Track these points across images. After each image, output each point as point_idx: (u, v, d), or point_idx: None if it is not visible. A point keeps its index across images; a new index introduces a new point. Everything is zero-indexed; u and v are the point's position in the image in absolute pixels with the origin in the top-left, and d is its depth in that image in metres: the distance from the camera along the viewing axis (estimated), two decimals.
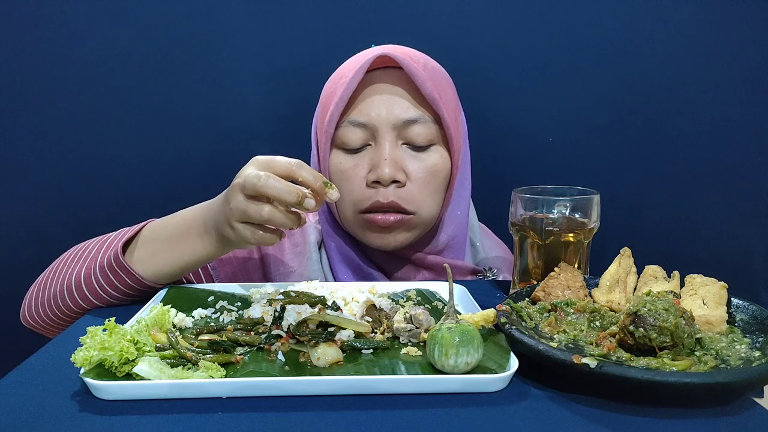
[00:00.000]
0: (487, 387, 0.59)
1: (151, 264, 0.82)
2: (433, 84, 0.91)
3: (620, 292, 0.77)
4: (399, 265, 1.01)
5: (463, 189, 1.02)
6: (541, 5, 1.31)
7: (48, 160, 1.36)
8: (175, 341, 0.65)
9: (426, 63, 0.95)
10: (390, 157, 0.91)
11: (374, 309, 0.74)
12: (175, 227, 0.83)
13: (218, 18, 1.32)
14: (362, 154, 0.93)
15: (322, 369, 0.63)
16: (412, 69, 0.90)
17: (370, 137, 0.93)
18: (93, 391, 0.57)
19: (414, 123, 0.91)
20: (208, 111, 1.36)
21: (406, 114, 0.91)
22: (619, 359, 0.61)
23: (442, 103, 0.91)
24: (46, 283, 0.88)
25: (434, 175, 0.94)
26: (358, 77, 0.91)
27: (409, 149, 0.93)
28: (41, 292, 0.88)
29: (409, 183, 0.92)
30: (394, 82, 0.92)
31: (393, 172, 0.90)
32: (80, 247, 0.90)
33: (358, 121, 0.92)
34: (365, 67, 0.91)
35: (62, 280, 0.85)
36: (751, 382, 0.55)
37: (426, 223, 0.96)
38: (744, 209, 1.31)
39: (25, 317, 0.91)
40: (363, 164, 0.93)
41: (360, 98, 0.92)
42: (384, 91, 0.92)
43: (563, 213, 0.84)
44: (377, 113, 0.91)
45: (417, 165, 0.93)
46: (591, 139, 1.35)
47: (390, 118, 0.91)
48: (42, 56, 1.32)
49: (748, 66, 1.28)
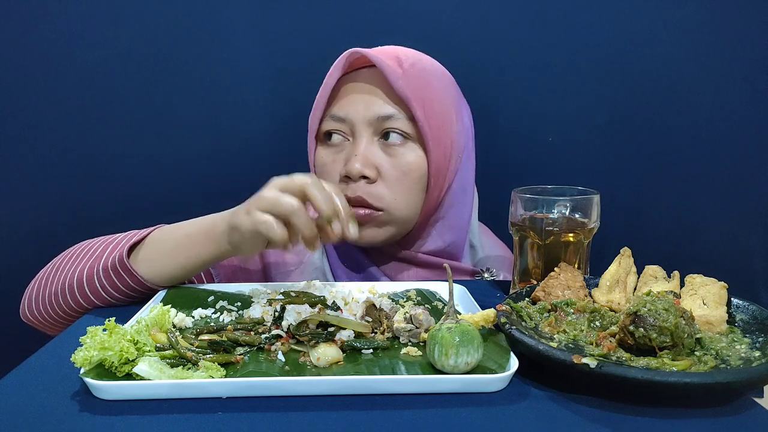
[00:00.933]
0: (487, 387, 0.59)
1: (155, 265, 0.82)
2: (410, 81, 0.92)
3: (620, 292, 0.77)
4: (395, 264, 1.01)
5: (465, 194, 1.01)
6: (541, 5, 1.31)
7: (48, 160, 1.36)
8: (175, 341, 0.65)
9: (415, 63, 0.95)
10: (362, 152, 0.92)
11: (374, 309, 0.74)
12: (183, 231, 0.84)
13: (219, 18, 1.32)
14: (340, 149, 0.96)
15: (322, 369, 0.63)
16: (384, 67, 0.91)
17: (348, 133, 0.95)
18: (93, 391, 0.57)
19: (388, 119, 0.92)
20: (209, 111, 1.36)
21: (381, 110, 0.92)
22: (619, 359, 0.61)
23: (416, 101, 0.91)
24: (48, 279, 0.88)
25: (406, 174, 0.93)
26: (336, 75, 0.94)
27: (384, 146, 0.94)
28: (42, 289, 0.88)
29: (380, 180, 0.93)
30: (372, 82, 0.94)
31: (362, 168, 0.91)
32: (84, 245, 0.90)
33: (338, 116, 0.94)
34: (340, 65, 0.94)
35: (64, 278, 0.85)
36: (751, 382, 0.55)
37: (399, 221, 0.95)
38: (744, 209, 1.31)
39: (24, 313, 0.91)
40: (340, 159, 0.95)
41: (340, 95, 0.96)
42: (363, 90, 0.94)
43: (563, 213, 0.84)
44: (355, 109, 0.93)
45: (390, 162, 0.93)
46: (591, 139, 1.35)
47: (367, 115, 0.93)
48: (42, 56, 1.31)
49: (748, 66, 1.28)
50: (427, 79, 0.95)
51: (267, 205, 0.74)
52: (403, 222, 0.96)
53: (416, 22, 1.32)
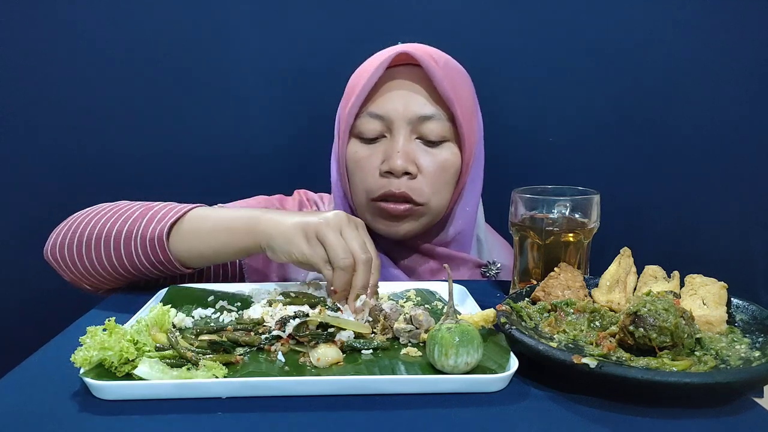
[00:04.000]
0: (487, 387, 0.59)
1: (190, 246, 0.85)
2: (449, 83, 0.94)
3: (620, 292, 0.77)
4: (406, 254, 1.03)
5: (474, 186, 1.04)
6: (541, 6, 1.31)
7: (49, 160, 1.36)
8: (175, 341, 0.65)
9: (447, 62, 0.97)
10: (403, 149, 0.94)
11: (375, 308, 0.74)
12: (223, 217, 0.86)
13: (224, 17, 1.32)
14: (377, 144, 0.97)
15: (322, 369, 0.63)
16: (431, 67, 0.92)
17: (386, 129, 0.96)
18: (93, 391, 0.57)
19: (428, 119, 0.94)
20: (213, 110, 1.36)
21: (421, 110, 0.94)
22: (619, 359, 0.61)
23: (456, 102, 0.94)
24: (81, 225, 0.89)
25: (444, 170, 0.96)
26: (379, 72, 0.94)
27: (421, 144, 0.96)
28: (72, 232, 0.89)
29: (420, 176, 0.95)
30: (412, 79, 0.95)
31: (405, 164, 0.93)
32: (122, 205, 0.91)
33: (376, 113, 0.95)
34: (386, 63, 0.94)
35: (100, 229, 0.87)
36: (751, 382, 0.55)
37: (434, 214, 0.99)
38: (744, 209, 1.31)
39: (47, 252, 0.91)
40: (377, 154, 0.96)
41: (380, 92, 0.96)
42: (402, 87, 0.95)
43: (563, 213, 0.84)
44: (394, 107, 0.94)
45: (428, 159, 0.95)
46: (591, 139, 1.35)
47: (406, 113, 0.94)
48: (43, 56, 1.32)
49: (748, 66, 1.28)
50: (459, 79, 0.98)
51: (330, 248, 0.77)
52: (437, 215, 0.99)
53: (417, 22, 1.32)
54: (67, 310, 0.86)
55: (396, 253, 1.03)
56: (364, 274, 0.77)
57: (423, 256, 1.03)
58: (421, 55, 0.93)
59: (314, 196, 1.13)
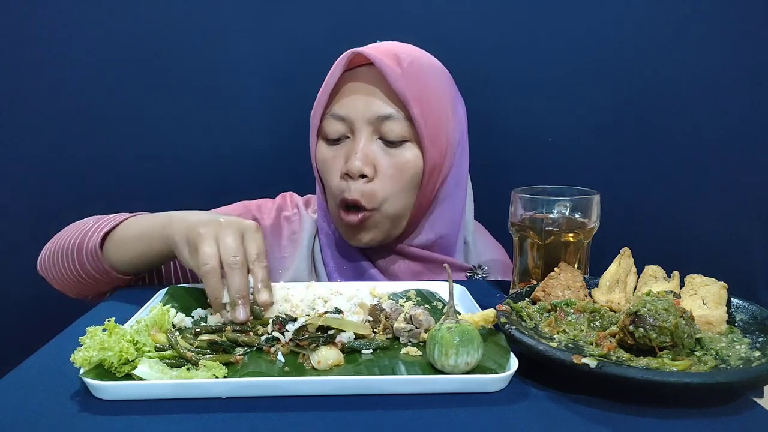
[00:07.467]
0: (487, 387, 0.59)
1: (119, 251, 0.89)
2: (409, 82, 0.92)
3: (620, 292, 0.77)
4: (387, 257, 1.03)
5: (458, 189, 1.02)
6: (541, 5, 1.31)
7: (48, 160, 1.36)
8: (174, 341, 0.65)
9: (413, 61, 0.96)
10: (362, 150, 0.94)
11: (375, 308, 0.74)
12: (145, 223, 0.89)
13: (219, 16, 1.32)
14: (341, 146, 0.97)
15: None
16: (384, 66, 0.92)
17: (348, 131, 0.96)
18: (93, 392, 0.57)
19: (387, 119, 0.94)
20: (209, 110, 1.36)
21: (380, 110, 0.94)
22: (619, 359, 0.61)
23: (415, 101, 0.92)
24: (58, 238, 0.97)
25: (402, 172, 0.95)
26: (337, 74, 0.95)
27: (382, 144, 0.96)
28: (52, 245, 0.97)
29: (377, 178, 0.95)
30: (372, 80, 0.95)
31: (361, 166, 0.93)
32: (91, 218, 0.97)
33: (338, 115, 0.96)
34: (341, 64, 0.95)
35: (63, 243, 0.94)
36: (751, 382, 0.55)
37: (394, 218, 0.97)
38: (744, 209, 1.31)
39: (37, 265, 0.99)
40: (340, 156, 0.97)
41: (342, 93, 0.97)
42: (363, 88, 0.95)
43: (563, 213, 0.84)
44: (355, 108, 0.95)
45: (387, 160, 0.95)
46: (591, 139, 1.35)
47: (366, 114, 0.94)
48: (43, 56, 1.32)
49: (748, 66, 1.27)
50: (425, 78, 0.96)
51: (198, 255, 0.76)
52: (395, 218, 0.98)
53: (416, 21, 1.32)
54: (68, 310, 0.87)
55: (376, 256, 1.03)
56: (234, 278, 0.75)
57: (401, 257, 1.02)
58: (376, 55, 0.93)
59: (298, 198, 1.12)
